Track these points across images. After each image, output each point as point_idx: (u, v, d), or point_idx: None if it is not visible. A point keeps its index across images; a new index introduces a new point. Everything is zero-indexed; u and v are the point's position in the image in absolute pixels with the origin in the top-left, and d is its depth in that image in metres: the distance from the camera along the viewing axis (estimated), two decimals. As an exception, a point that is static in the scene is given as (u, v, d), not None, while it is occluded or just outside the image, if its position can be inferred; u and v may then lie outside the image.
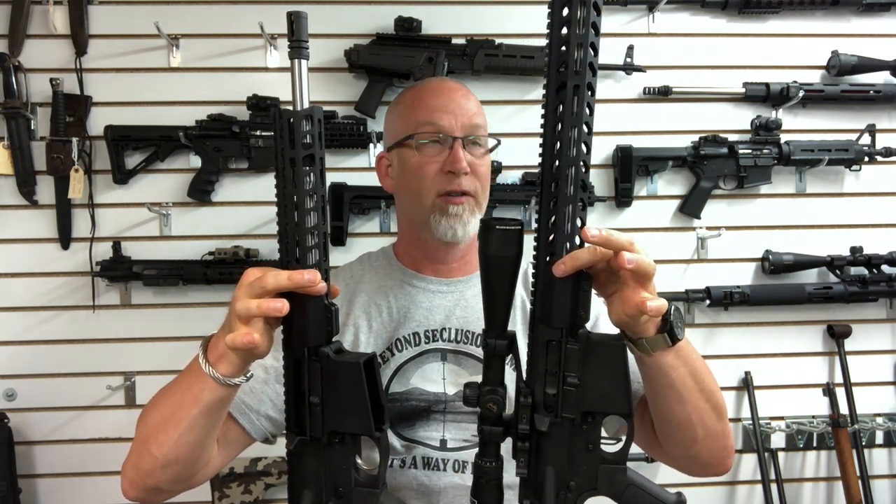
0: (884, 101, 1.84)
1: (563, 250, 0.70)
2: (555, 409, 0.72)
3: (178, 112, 1.73)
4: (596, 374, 0.72)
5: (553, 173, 0.71)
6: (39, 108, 1.71)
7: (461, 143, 1.04)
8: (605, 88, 1.82)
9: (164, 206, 1.74)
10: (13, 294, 1.72)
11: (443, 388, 1.04)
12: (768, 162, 1.80)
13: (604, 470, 0.73)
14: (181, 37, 1.74)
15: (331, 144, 1.74)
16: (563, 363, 0.71)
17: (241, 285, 0.74)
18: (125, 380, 1.73)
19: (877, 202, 1.88)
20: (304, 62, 0.75)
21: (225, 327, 0.78)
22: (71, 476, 1.73)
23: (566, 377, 0.71)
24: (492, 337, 0.74)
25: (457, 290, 1.10)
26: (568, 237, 0.70)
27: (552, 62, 0.70)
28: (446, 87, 1.11)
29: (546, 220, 0.72)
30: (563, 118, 0.71)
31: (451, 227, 1.04)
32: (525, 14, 1.80)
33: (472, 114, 1.07)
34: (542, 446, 0.73)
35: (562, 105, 0.70)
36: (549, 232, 0.71)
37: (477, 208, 1.07)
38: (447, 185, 1.04)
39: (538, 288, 0.73)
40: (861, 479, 1.76)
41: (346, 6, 1.77)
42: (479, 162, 1.07)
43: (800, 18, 1.85)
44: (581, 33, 0.68)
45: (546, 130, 0.73)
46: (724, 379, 1.84)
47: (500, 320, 0.74)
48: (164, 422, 0.84)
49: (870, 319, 1.87)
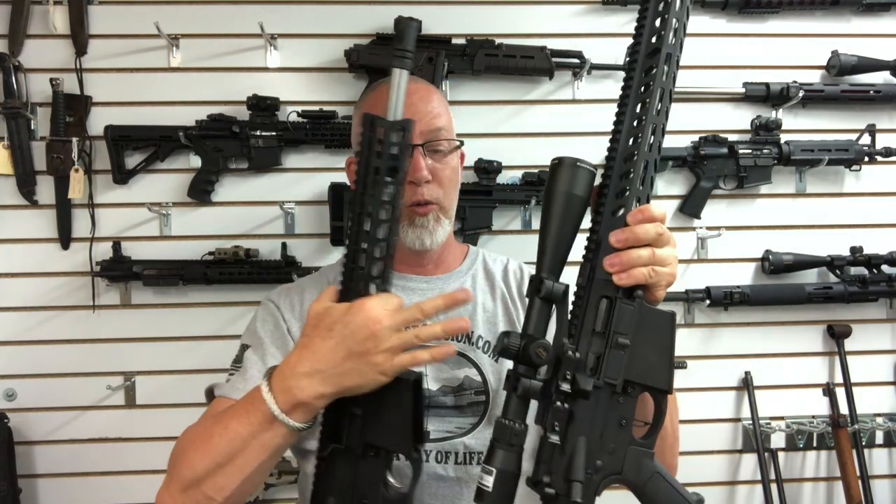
0: (884, 101, 1.83)
1: (632, 204, 0.71)
2: (597, 371, 0.68)
3: (178, 112, 1.73)
4: (645, 342, 0.68)
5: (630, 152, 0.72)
6: (39, 108, 1.71)
7: (421, 151, 1.03)
8: (605, 88, 1.82)
9: (164, 206, 1.74)
10: (13, 294, 1.72)
11: (426, 383, 1.04)
12: (768, 162, 1.80)
13: (632, 452, 0.69)
14: (181, 37, 1.74)
15: (331, 144, 1.74)
16: (614, 322, 0.68)
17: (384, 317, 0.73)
18: (125, 380, 1.73)
19: (877, 202, 1.88)
20: (405, 72, 0.73)
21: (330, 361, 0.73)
22: (71, 476, 1.73)
23: (616, 337, 0.68)
24: (549, 279, 0.69)
25: (436, 286, 1.10)
26: (639, 193, 0.71)
27: (639, 67, 0.72)
28: (407, 89, 1.10)
29: (618, 173, 0.71)
30: (647, 115, 0.71)
31: (418, 237, 1.04)
32: (525, 14, 1.80)
33: (431, 117, 1.05)
34: (578, 412, 0.67)
35: (646, 102, 0.72)
36: (619, 188, 0.71)
37: (442, 214, 1.06)
38: (412, 195, 1.03)
39: (600, 241, 0.71)
40: (861, 479, 1.76)
41: (346, 6, 1.77)
42: (440, 167, 1.05)
43: (800, 18, 1.85)
44: (672, 43, 0.71)
45: (625, 126, 0.73)
46: (724, 379, 1.84)
47: (557, 264, 0.70)
48: (223, 465, 0.77)
49: (870, 319, 1.87)
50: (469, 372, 1.06)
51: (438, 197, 1.05)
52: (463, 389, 1.05)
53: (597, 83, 1.82)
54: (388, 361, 0.71)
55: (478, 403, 1.05)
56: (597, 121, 1.81)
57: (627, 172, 0.70)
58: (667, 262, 0.72)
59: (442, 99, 1.12)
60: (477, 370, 1.06)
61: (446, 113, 1.10)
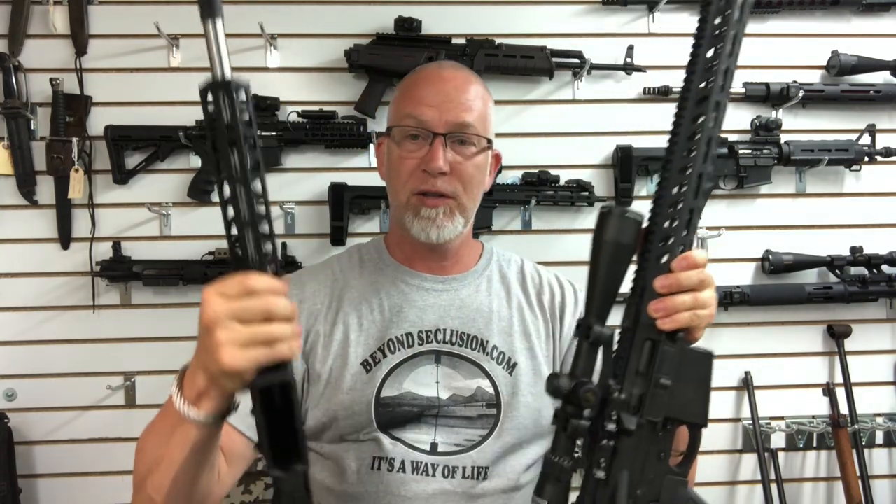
0: (884, 101, 1.83)
1: (677, 250, 0.72)
2: (640, 410, 0.71)
3: (178, 112, 1.72)
4: (685, 379, 0.72)
5: (679, 179, 0.72)
6: (39, 108, 1.71)
7: (442, 141, 0.99)
8: (605, 88, 1.82)
9: (164, 206, 1.74)
10: (13, 294, 1.72)
11: (436, 392, 1.01)
12: (768, 162, 1.79)
13: (669, 481, 0.73)
14: (181, 37, 1.74)
15: (331, 144, 1.74)
16: (657, 364, 0.71)
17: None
18: (125, 380, 1.73)
19: (877, 202, 1.88)
20: (218, 21, 0.63)
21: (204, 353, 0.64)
22: (71, 476, 1.73)
23: (659, 378, 0.71)
24: (597, 324, 0.70)
25: (451, 288, 1.07)
26: (683, 240, 0.72)
27: (696, 75, 0.73)
28: (440, 76, 1.04)
29: (663, 221, 0.71)
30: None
31: (423, 229, 1.00)
32: (525, 14, 1.80)
33: (463, 109, 1.00)
34: (621, 448, 0.71)
35: (702, 118, 0.72)
36: (663, 235, 0.71)
37: (458, 211, 1.02)
38: (422, 183, 0.99)
39: (645, 286, 0.72)
40: (861, 479, 1.76)
41: (346, 6, 1.77)
42: (462, 162, 1.01)
43: (800, 18, 1.85)
44: (729, 54, 0.71)
45: (677, 146, 0.72)
46: (724, 379, 1.84)
47: (605, 310, 0.72)
48: (156, 463, 0.76)
49: (870, 319, 1.87)
50: (482, 383, 1.03)
51: (456, 191, 1.01)
52: (474, 400, 1.02)
53: (597, 83, 1.82)
54: (229, 357, 0.61)
55: (488, 416, 1.02)
56: (597, 121, 1.81)
57: (672, 219, 0.71)
58: (707, 305, 0.73)
59: (482, 93, 1.06)
60: (490, 382, 1.03)
61: (483, 108, 1.04)
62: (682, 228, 0.71)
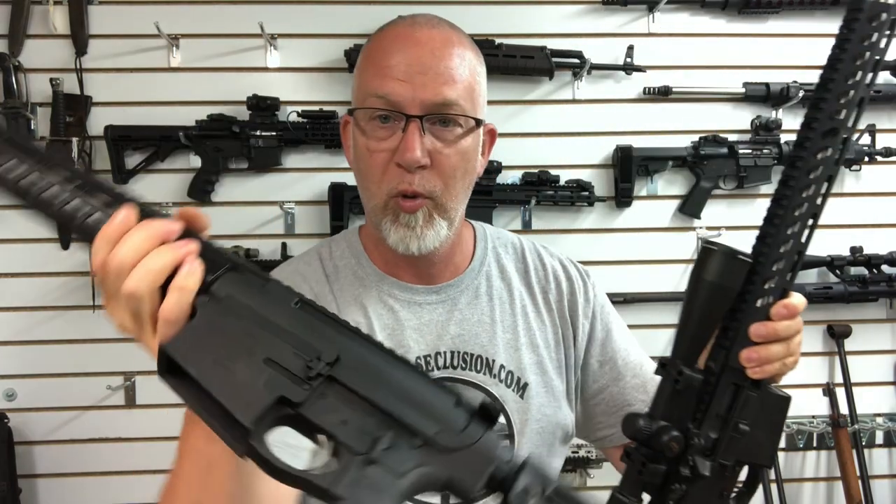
0: (884, 101, 1.83)
1: (776, 295, 0.67)
2: (713, 453, 0.69)
3: (178, 112, 1.73)
4: (760, 424, 0.70)
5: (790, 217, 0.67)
6: (39, 108, 1.71)
7: (418, 125, 0.78)
8: (605, 88, 1.82)
9: (164, 206, 1.74)
10: (13, 294, 1.72)
11: None
12: (768, 162, 1.80)
13: None
14: (181, 37, 1.74)
15: (331, 144, 1.74)
16: (738, 409, 0.69)
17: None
18: (125, 380, 1.73)
19: (877, 202, 1.88)
20: None
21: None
22: (71, 476, 1.73)
23: (737, 424, 0.68)
24: (689, 369, 0.67)
25: (447, 296, 0.91)
26: (785, 284, 0.67)
27: (828, 103, 0.64)
28: (412, 38, 0.82)
29: (771, 263, 0.66)
30: (825, 165, 0.66)
31: (401, 239, 0.82)
32: (525, 14, 1.80)
33: (443, 81, 0.79)
34: (692, 490, 0.68)
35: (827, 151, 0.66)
36: (767, 277, 0.66)
37: (437, 213, 0.82)
38: (399, 183, 0.80)
39: (738, 331, 0.68)
40: (861, 479, 1.76)
41: (346, 6, 1.77)
42: (444, 150, 0.81)
43: (800, 18, 1.85)
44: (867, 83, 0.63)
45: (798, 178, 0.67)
46: (724, 379, 1.84)
47: (695, 354, 0.68)
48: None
49: (870, 319, 1.87)
50: None
51: (433, 190, 0.81)
52: None
53: (597, 83, 1.82)
54: (117, 316, 0.54)
55: None
56: (597, 121, 1.81)
57: (779, 260, 0.67)
58: (796, 353, 0.70)
59: (468, 56, 0.85)
60: (500, 408, 0.88)
61: (469, 77, 0.83)
62: (786, 272, 0.67)
